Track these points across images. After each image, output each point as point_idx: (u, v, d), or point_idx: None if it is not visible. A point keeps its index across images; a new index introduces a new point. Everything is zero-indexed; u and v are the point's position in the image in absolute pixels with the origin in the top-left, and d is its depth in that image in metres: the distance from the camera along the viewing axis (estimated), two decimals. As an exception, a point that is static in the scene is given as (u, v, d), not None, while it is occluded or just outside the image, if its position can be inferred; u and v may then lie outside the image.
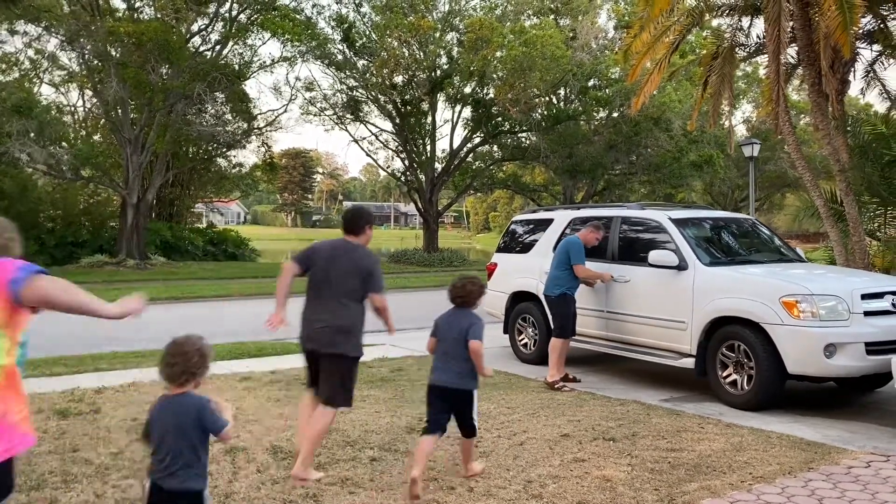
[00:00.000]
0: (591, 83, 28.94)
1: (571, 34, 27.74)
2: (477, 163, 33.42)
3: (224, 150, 28.44)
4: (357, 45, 27.41)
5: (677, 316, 7.55)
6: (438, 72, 27.41)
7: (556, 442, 5.74)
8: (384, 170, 31.65)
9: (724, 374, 7.12)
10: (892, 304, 6.78)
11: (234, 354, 9.99)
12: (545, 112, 27.84)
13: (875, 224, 12.49)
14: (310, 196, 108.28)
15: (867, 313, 6.60)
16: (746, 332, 6.87)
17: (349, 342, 5.00)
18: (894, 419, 6.60)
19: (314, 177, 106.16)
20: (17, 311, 2.96)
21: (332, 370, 5.04)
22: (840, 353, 6.44)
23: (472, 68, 24.70)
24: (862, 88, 14.21)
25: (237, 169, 33.06)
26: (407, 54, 26.29)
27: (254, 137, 28.81)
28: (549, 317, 8.44)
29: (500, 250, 10.37)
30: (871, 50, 14.46)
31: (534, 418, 6.49)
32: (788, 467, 5.07)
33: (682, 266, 7.55)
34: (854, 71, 13.79)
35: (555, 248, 8.59)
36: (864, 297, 6.66)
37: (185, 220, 33.77)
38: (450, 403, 4.90)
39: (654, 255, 7.66)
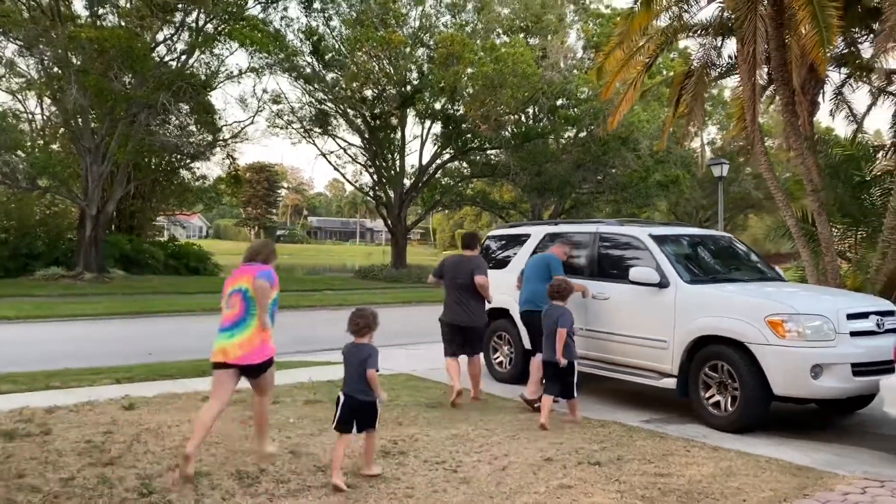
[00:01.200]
0: (559, 102, 29.04)
1: (541, 53, 27.83)
2: (445, 179, 33.26)
3: (188, 161, 27.83)
4: (326, 57, 27.12)
5: (658, 335, 7.36)
6: (409, 87, 27.24)
7: (539, 466, 5.47)
8: (352, 184, 31.41)
9: (707, 394, 6.94)
10: (877, 324, 6.67)
11: (196, 372, 9.54)
12: (515, 130, 27.83)
13: (846, 244, 12.52)
14: (274, 210, 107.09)
15: (853, 333, 6.48)
16: (730, 351, 6.70)
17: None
18: (879, 441, 6.47)
19: (279, 191, 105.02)
20: None
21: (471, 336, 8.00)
22: (826, 374, 6.30)
23: (442, 84, 24.58)
24: (831, 110, 14.32)
25: (201, 181, 32.39)
26: (377, 69, 26.09)
27: (219, 149, 28.27)
28: (527, 334, 8.17)
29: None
30: (840, 73, 14.63)
31: (514, 441, 6.21)
32: (783, 494, 4.87)
33: (663, 283, 7.37)
34: (823, 93, 13.92)
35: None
36: (849, 316, 6.54)
37: (146, 234, 32.95)
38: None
39: (634, 273, 7.48)
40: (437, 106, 27.87)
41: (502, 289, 9.05)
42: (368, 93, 27.26)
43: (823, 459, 5.81)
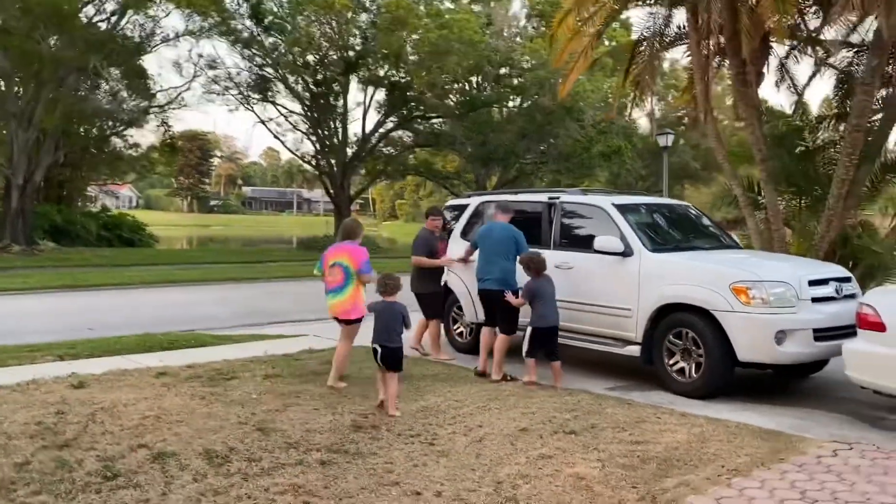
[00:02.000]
0: (502, 71, 28.89)
1: (486, 20, 27.54)
2: (387, 148, 32.80)
3: (121, 128, 26.68)
4: (266, 21, 26.22)
5: (622, 303, 7.38)
6: (352, 52, 26.61)
7: (515, 437, 5.41)
8: (293, 153, 30.65)
9: (671, 361, 7.01)
10: (836, 291, 6.82)
11: (143, 347, 9.18)
12: (460, 98, 27.57)
13: (790, 213, 12.81)
14: (207, 181, 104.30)
15: (814, 300, 6.60)
16: (695, 319, 6.76)
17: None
18: (839, 404, 6.65)
19: (212, 160, 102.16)
20: None
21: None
22: (789, 339, 6.41)
23: (386, 50, 24.10)
24: (776, 81, 14.57)
25: (133, 150, 31.16)
26: (318, 34, 25.38)
27: (153, 116, 27.18)
28: (483, 308, 8.02)
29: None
30: (785, 45, 14.88)
31: (486, 412, 6.14)
32: (759, 459, 4.93)
33: (627, 252, 7.37)
34: (768, 65, 14.14)
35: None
36: (811, 283, 6.67)
37: (77, 204, 31.59)
38: None
39: (599, 242, 7.45)
40: (381, 73, 27.34)
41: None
42: (311, 58, 26.53)
43: (789, 424, 5.92)
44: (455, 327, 9.24)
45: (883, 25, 9.37)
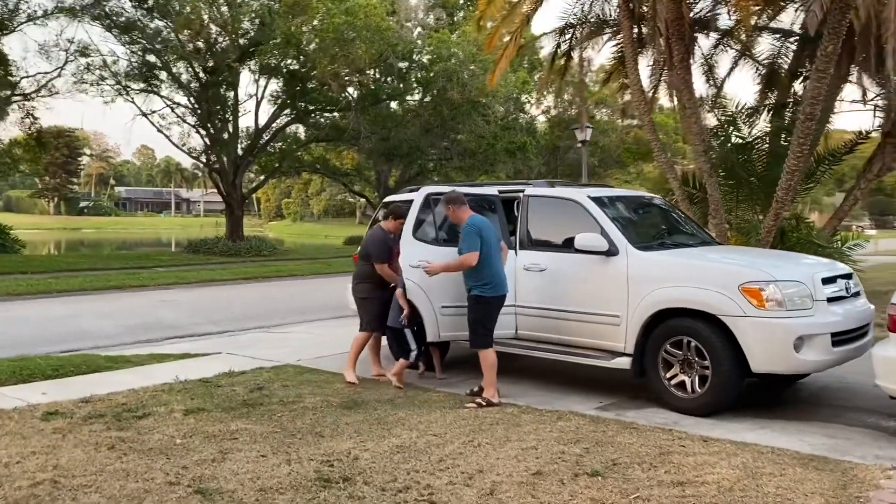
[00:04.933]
0: (402, 65, 27.77)
1: (391, 9, 26.29)
2: (281, 144, 30.86)
3: (-23, 119, 23.60)
4: (148, 3, 23.83)
5: (609, 309, 6.47)
6: (245, 40, 24.60)
7: (532, 484, 4.35)
8: (180, 148, 28.16)
9: (669, 374, 6.16)
10: (846, 289, 6.18)
11: (20, 376, 7.52)
12: (364, 90, 26.18)
13: (727, 207, 12.46)
14: (76, 180, 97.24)
15: (829, 300, 5.92)
16: (700, 325, 5.93)
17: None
18: (845, 415, 6.00)
19: (80, 159, 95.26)
20: None
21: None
22: (808, 346, 5.68)
23: (287, 37, 22.35)
24: (704, 72, 14.28)
25: (-8, 145, 27.82)
26: (207, 18, 23.30)
27: (16, 107, 24.21)
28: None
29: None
30: (709, 37, 14.63)
31: (477, 449, 5.05)
32: (831, 497, 4.10)
33: (611, 251, 6.47)
34: (693, 56, 13.80)
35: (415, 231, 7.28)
36: (824, 281, 5.97)
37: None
38: None
39: (581, 240, 6.51)
40: (278, 62, 25.42)
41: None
42: (201, 44, 24.33)
43: (823, 444, 5.18)
44: (402, 340, 8.06)
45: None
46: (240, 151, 28.18)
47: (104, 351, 9.50)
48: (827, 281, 6.02)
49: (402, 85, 27.15)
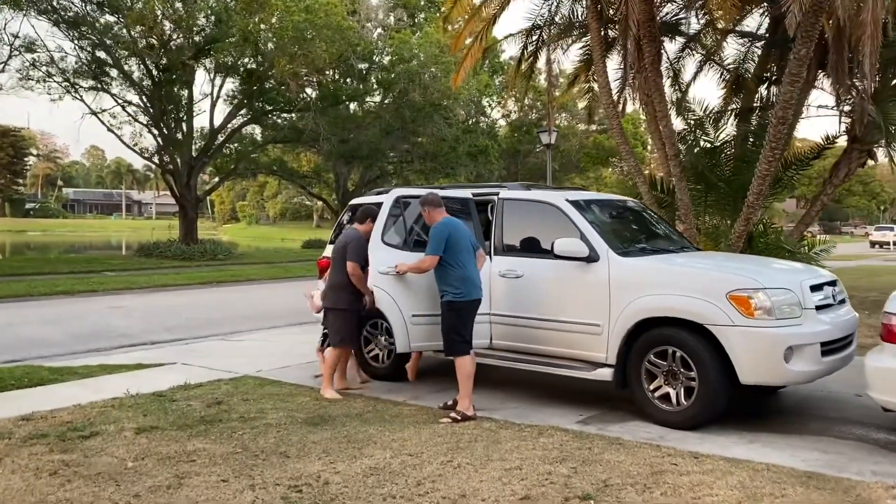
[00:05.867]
0: (366, 65, 27.34)
1: (353, 8, 25.80)
2: (237, 145, 30.04)
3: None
4: (98, -2, 22.95)
5: (589, 318, 6.19)
6: (200, 37, 23.84)
7: (521, 511, 4.02)
8: (131, 148, 27.14)
9: (653, 386, 5.89)
10: (833, 297, 6.00)
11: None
12: (324, 91, 25.60)
13: (695, 211, 12.34)
14: (21, 181, 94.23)
15: (818, 308, 5.72)
16: (685, 335, 5.68)
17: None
18: (832, 427, 5.81)
19: (26, 159, 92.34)
20: None
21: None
22: (797, 356, 5.46)
23: (242, 34, 21.68)
24: (670, 76, 14.19)
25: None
26: (160, 14, 22.48)
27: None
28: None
29: (334, 242, 8.36)
30: (673, 41, 14.55)
31: (458, 471, 4.69)
32: (841, 521, 3.86)
33: (592, 257, 6.19)
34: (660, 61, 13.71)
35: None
36: (812, 288, 5.78)
37: None
38: None
39: (561, 245, 6.22)
40: (234, 60, 24.69)
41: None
42: (154, 41, 23.48)
43: (817, 460, 4.95)
44: (369, 350, 7.69)
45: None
46: (194, 152, 27.35)
47: (49, 361, 8.93)
48: (815, 288, 5.83)
49: (362, 86, 26.68)
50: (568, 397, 6.76)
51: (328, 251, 8.45)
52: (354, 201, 8.59)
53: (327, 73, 25.16)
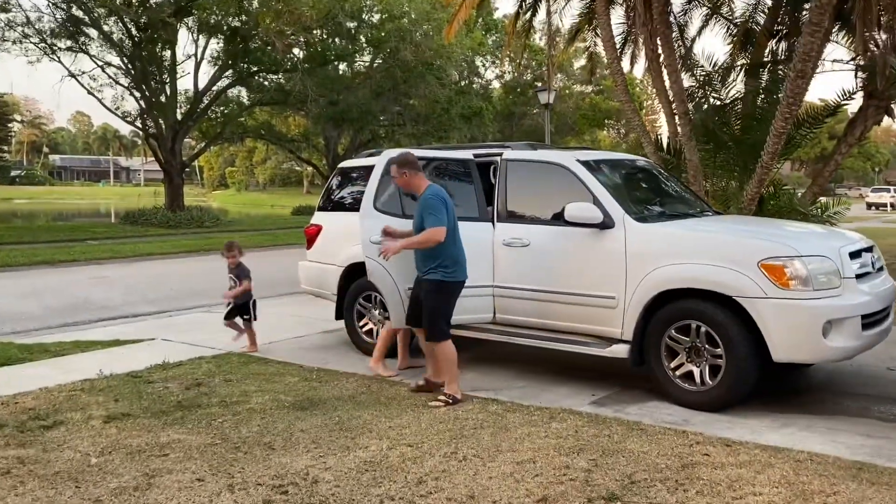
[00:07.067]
0: (352, 25, 26.38)
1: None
2: (223, 108, 29.12)
3: None
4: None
5: (603, 290, 5.64)
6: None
7: (539, 516, 3.50)
8: (113, 111, 26.22)
9: (674, 364, 5.38)
10: (872, 264, 5.47)
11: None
12: (311, 51, 24.68)
13: (703, 173, 11.76)
14: (6, 148, 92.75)
15: (857, 277, 5.18)
16: (712, 308, 5.14)
17: None
18: (880, 410, 5.32)
19: (10, 126, 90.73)
20: None
21: None
22: (836, 330, 4.94)
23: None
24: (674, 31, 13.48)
25: None
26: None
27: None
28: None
29: (323, 208, 7.77)
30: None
31: (463, 464, 4.17)
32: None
33: (606, 223, 5.62)
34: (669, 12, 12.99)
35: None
36: (851, 255, 5.23)
37: None
38: None
39: (572, 210, 5.63)
40: (218, 18, 23.69)
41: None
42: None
43: (863, 447, 4.45)
44: (362, 324, 7.15)
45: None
46: (179, 116, 26.45)
47: (22, 337, 8.38)
48: (853, 255, 5.28)
49: (350, 46, 25.74)
50: (578, 375, 6.24)
51: (316, 218, 7.87)
52: (343, 164, 7.96)
53: (314, 32, 24.21)
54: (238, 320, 7.40)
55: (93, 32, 24.21)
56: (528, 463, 4.16)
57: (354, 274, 7.04)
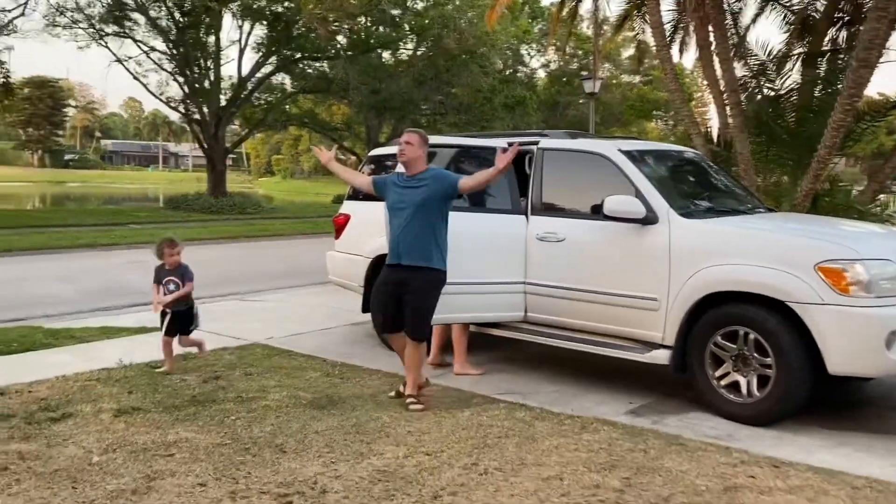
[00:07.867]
0: (396, 12, 26.10)
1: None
2: (266, 95, 29.12)
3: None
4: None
5: (644, 290, 5.25)
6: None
7: (562, 543, 3.17)
8: (157, 97, 26.47)
9: (719, 373, 4.97)
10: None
11: None
12: (354, 38, 24.47)
13: (755, 167, 11.16)
14: (60, 132, 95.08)
15: (924, 284, 4.70)
16: (762, 314, 4.71)
17: None
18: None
19: (65, 110, 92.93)
20: None
21: None
22: (898, 342, 4.47)
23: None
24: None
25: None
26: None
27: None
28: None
29: (353, 197, 7.49)
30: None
31: (483, 477, 3.85)
32: None
33: (650, 218, 5.23)
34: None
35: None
36: (916, 259, 4.75)
37: None
38: None
39: (612, 203, 5.25)
40: (261, 4, 23.61)
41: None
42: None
43: (930, 473, 4.01)
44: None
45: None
46: (222, 102, 26.52)
47: (52, 322, 8.32)
48: (919, 258, 4.80)
49: (394, 33, 25.45)
50: (614, 381, 5.87)
51: (345, 207, 7.62)
52: (374, 152, 7.68)
53: (359, 19, 23.98)
54: (193, 335, 6.36)
55: (138, 18, 24.39)
56: (555, 480, 3.82)
57: (382, 265, 6.74)
